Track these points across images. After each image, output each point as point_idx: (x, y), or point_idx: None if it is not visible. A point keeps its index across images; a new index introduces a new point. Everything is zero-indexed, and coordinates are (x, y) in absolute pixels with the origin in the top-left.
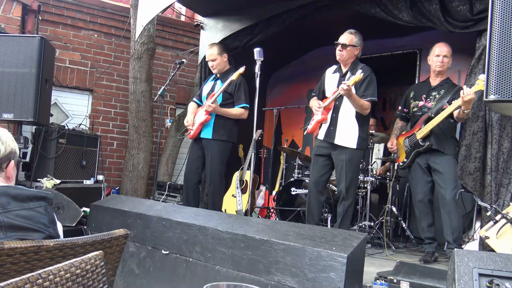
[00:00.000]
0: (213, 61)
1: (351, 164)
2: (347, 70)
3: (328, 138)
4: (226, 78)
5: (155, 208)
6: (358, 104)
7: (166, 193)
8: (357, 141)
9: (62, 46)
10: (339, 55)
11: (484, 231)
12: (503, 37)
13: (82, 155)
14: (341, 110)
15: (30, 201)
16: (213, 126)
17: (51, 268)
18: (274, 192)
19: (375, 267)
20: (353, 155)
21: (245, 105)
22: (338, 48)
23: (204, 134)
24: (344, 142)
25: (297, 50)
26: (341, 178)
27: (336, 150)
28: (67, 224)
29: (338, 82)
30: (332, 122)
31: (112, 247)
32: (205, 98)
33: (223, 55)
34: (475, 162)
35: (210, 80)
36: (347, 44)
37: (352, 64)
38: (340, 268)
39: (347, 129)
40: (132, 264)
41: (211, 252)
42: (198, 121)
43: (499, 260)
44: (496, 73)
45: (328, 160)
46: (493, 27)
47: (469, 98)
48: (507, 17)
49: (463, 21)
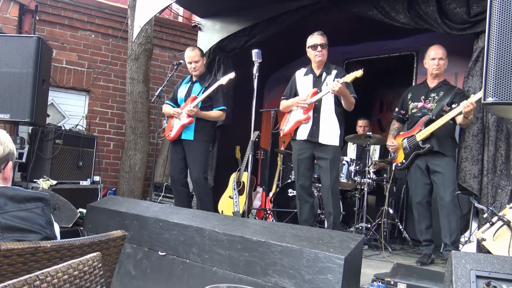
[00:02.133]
0: (196, 62)
1: (334, 161)
2: (322, 71)
3: (312, 138)
4: (203, 81)
5: (152, 209)
6: (349, 100)
7: (163, 194)
8: (339, 139)
9: (59, 47)
10: (320, 56)
11: (480, 233)
12: (501, 39)
13: (79, 156)
14: (322, 109)
15: (27, 202)
16: (195, 128)
17: (48, 269)
18: (271, 193)
19: (372, 269)
20: (336, 152)
21: (224, 108)
22: (318, 49)
23: (185, 135)
24: (327, 140)
25: (295, 51)
26: (326, 175)
27: (319, 148)
28: (63, 225)
29: (313, 83)
30: (315, 121)
31: (110, 248)
32: (182, 100)
33: (203, 58)
34: (478, 165)
35: (184, 83)
36: (325, 44)
37: (325, 65)
38: (338, 269)
39: (329, 128)
40: (128, 266)
41: (208, 253)
42: (179, 123)
43: (496, 262)
44: (494, 75)
45: (311, 160)
46: (491, 29)
47: (470, 109)
48: (505, 19)
49: (460, 23)
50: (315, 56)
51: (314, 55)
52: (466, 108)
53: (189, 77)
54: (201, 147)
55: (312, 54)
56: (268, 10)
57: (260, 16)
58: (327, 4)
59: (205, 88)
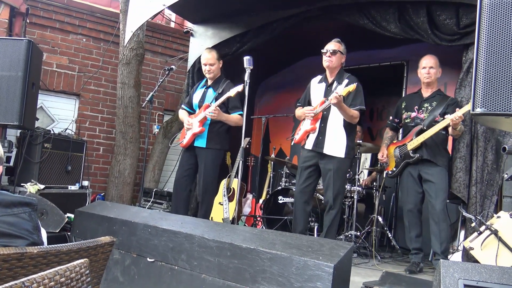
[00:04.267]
0: (211, 65)
1: (338, 173)
2: (334, 79)
3: (317, 148)
4: (217, 86)
5: (141, 215)
6: (348, 114)
7: (152, 200)
8: (345, 150)
9: (49, 50)
10: (328, 62)
11: (468, 242)
12: (490, 50)
13: (68, 160)
14: (329, 120)
15: (14, 207)
16: (207, 136)
17: (34, 276)
18: (261, 200)
19: (361, 277)
20: (341, 164)
21: (242, 113)
22: (327, 55)
23: (197, 143)
24: (332, 151)
25: (286, 59)
26: (329, 187)
27: (324, 159)
28: (50, 230)
29: (325, 91)
30: (321, 131)
31: (98, 254)
32: (197, 106)
33: (220, 61)
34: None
35: (199, 88)
36: (337, 50)
37: (338, 73)
38: (327, 277)
39: (335, 139)
40: (116, 272)
41: (197, 260)
42: (191, 132)
43: (484, 272)
44: (482, 86)
45: (315, 169)
46: (480, 40)
47: (457, 122)
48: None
49: (450, 34)
50: (324, 61)
51: (323, 61)
52: (454, 121)
53: (204, 81)
54: (213, 155)
55: (323, 59)
56: (260, 17)
57: (252, 23)
58: (318, 12)
59: (218, 94)
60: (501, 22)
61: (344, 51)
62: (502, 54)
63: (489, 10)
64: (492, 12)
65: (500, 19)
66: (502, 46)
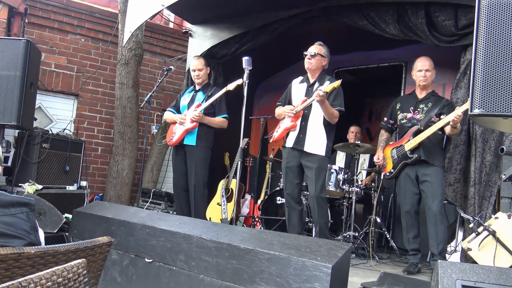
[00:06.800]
0: (200, 70)
1: (320, 171)
2: (315, 80)
3: (297, 146)
4: (206, 89)
5: (139, 216)
6: (329, 112)
7: (150, 200)
8: (325, 149)
9: (48, 50)
10: (308, 64)
11: (466, 243)
12: (488, 50)
13: (66, 160)
14: (310, 118)
15: (12, 207)
16: (197, 134)
17: (32, 276)
18: (260, 201)
19: (359, 277)
20: (321, 162)
21: (226, 116)
22: (307, 57)
23: (187, 141)
24: (313, 149)
25: (285, 60)
26: (312, 184)
27: (305, 157)
28: (48, 231)
29: (306, 91)
30: (302, 129)
31: (95, 255)
32: (185, 107)
33: (207, 67)
34: (455, 174)
35: (188, 92)
36: (316, 53)
37: (319, 75)
38: (325, 278)
39: (316, 137)
40: (114, 272)
41: (195, 260)
42: (183, 128)
43: (481, 272)
44: (480, 87)
45: (299, 168)
46: (478, 40)
47: (458, 120)
48: (492, 30)
49: (449, 36)
50: (305, 63)
51: (304, 62)
52: (455, 120)
53: (192, 87)
54: (203, 153)
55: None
56: (259, 18)
57: (251, 24)
58: (317, 13)
59: (208, 97)
60: (499, 23)
61: (325, 54)
62: (500, 55)
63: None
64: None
65: (498, 20)
66: (500, 47)
